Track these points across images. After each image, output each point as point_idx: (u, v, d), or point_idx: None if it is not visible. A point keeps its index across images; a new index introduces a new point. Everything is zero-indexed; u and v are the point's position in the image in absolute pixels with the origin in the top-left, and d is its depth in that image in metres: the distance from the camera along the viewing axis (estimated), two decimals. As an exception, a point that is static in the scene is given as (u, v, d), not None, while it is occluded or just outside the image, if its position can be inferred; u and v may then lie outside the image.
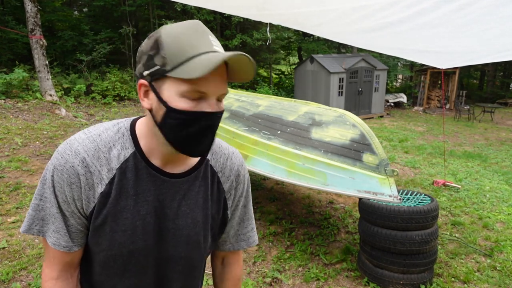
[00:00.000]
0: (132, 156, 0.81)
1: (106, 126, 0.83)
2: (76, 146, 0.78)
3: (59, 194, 0.79)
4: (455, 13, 2.05)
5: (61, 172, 0.77)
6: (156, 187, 0.83)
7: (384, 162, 2.60)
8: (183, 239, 0.87)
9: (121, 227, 0.81)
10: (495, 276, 3.08)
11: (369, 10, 2.19)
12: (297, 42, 16.00)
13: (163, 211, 0.84)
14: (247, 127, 3.57)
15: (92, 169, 0.78)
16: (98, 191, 0.79)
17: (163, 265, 0.88)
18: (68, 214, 0.80)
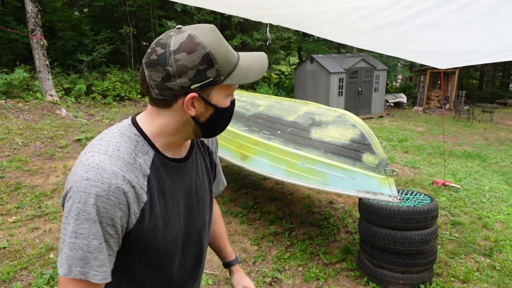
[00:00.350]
0: (155, 157, 0.86)
1: (114, 139, 0.82)
2: (110, 167, 0.76)
3: (104, 220, 0.75)
4: (455, 13, 2.06)
5: (107, 197, 0.74)
6: (177, 175, 0.92)
7: (384, 162, 2.60)
8: (204, 207, 1.02)
9: (164, 222, 0.88)
10: (494, 275, 3.08)
11: (368, 11, 2.19)
12: (297, 42, 16.01)
13: (186, 191, 0.95)
14: (247, 127, 3.57)
15: (133, 183, 0.79)
16: (142, 200, 0.81)
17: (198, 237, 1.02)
18: (109, 238, 0.78)
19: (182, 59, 0.77)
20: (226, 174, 5.46)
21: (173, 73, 0.77)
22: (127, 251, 0.85)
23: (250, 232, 3.73)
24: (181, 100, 0.81)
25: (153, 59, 0.78)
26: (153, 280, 0.93)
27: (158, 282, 0.94)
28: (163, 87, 0.79)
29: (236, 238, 3.62)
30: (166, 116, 0.84)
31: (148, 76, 0.80)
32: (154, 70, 0.78)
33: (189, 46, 0.77)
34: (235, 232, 3.73)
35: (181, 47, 0.77)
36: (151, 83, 0.80)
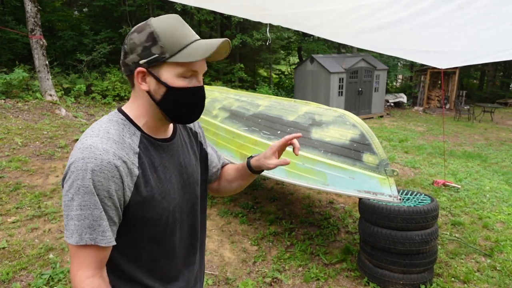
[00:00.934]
0: (142, 137, 0.95)
1: (103, 125, 0.92)
2: (101, 146, 0.86)
3: (100, 192, 0.85)
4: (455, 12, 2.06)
5: (100, 171, 0.84)
6: (166, 153, 1.00)
7: (384, 162, 2.60)
8: (195, 182, 1.10)
9: (161, 195, 0.96)
10: (495, 276, 3.08)
11: (368, 10, 2.19)
12: (297, 42, 16.00)
13: (178, 168, 1.03)
14: (247, 127, 3.56)
15: (124, 158, 0.88)
16: (135, 174, 0.90)
17: (188, 214, 1.08)
18: (108, 208, 0.87)
19: (133, 38, 0.91)
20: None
21: (127, 50, 0.91)
22: (130, 227, 0.94)
23: (250, 232, 3.72)
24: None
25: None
26: (159, 257, 1.00)
27: (164, 258, 1.01)
28: (123, 64, 0.93)
29: (236, 238, 3.62)
30: (136, 97, 0.96)
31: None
32: (121, 51, 0.95)
33: (140, 27, 0.91)
34: (235, 232, 3.72)
35: (135, 29, 0.92)
36: (120, 60, 0.94)
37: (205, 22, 13.89)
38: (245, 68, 14.54)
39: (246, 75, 13.99)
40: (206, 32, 14.46)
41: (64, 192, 0.86)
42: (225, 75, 13.93)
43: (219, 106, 4.17)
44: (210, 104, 4.31)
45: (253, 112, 3.71)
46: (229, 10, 2.83)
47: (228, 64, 14.17)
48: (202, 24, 13.97)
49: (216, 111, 4.10)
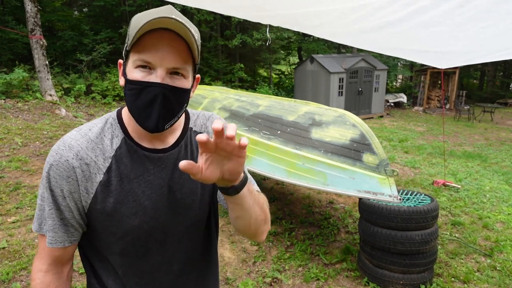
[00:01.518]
0: (123, 141, 0.85)
1: (96, 121, 0.87)
2: (70, 141, 0.81)
3: (55, 189, 0.80)
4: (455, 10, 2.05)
5: (57, 167, 0.79)
6: (153, 165, 0.86)
7: (384, 162, 2.59)
8: (193, 204, 0.92)
9: (131, 210, 0.83)
10: (495, 276, 3.07)
11: (368, 10, 2.19)
12: (297, 42, 16.00)
13: (167, 185, 0.88)
14: (247, 127, 3.56)
15: (87, 161, 0.81)
16: (96, 180, 0.81)
17: (182, 236, 0.93)
18: (64, 208, 0.82)
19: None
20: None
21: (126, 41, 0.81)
22: (98, 235, 0.87)
23: (250, 232, 3.72)
24: None
25: None
26: (132, 275, 0.90)
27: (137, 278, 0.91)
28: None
29: (236, 238, 3.62)
30: None
31: None
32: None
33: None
34: (235, 232, 3.72)
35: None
36: None
37: (205, 22, 13.89)
38: (245, 68, 14.54)
39: (246, 75, 14.00)
40: (206, 32, 14.45)
41: None
42: (225, 75, 13.93)
43: (219, 106, 4.17)
44: (210, 104, 4.31)
45: (253, 112, 3.71)
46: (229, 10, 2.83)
47: (228, 64, 14.17)
48: (202, 24, 13.97)
49: (216, 111, 4.10)
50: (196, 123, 0.99)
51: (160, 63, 0.77)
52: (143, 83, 0.78)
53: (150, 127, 0.80)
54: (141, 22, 0.74)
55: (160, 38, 0.76)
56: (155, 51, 0.76)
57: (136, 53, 0.77)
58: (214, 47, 14.27)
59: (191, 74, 0.85)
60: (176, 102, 0.82)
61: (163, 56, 0.77)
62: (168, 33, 0.77)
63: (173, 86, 0.79)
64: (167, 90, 0.79)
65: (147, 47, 0.76)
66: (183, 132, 0.94)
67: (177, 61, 0.78)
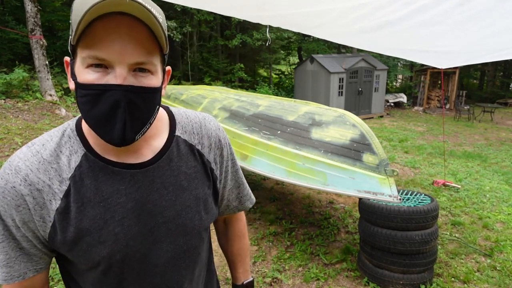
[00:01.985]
0: (83, 158, 0.69)
1: (52, 133, 0.71)
2: (17, 163, 0.66)
3: (5, 218, 0.67)
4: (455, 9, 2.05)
5: (3, 195, 0.65)
6: (125, 185, 0.70)
7: (384, 162, 2.59)
8: (180, 230, 0.77)
9: (99, 239, 0.69)
10: (495, 276, 3.07)
11: (368, 9, 2.19)
12: (297, 42, 16.00)
13: (144, 208, 0.72)
14: (247, 127, 3.56)
15: (39, 186, 0.66)
16: (52, 208, 0.67)
17: (166, 267, 0.78)
18: (20, 238, 0.69)
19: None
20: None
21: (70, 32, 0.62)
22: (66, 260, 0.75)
23: (250, 232, 3.72)
24: None
25: None
26: None
27: None
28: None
29: (236, 238, 3.61)
30: None
31: None
32: None
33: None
34: (235, 232, 3.72)
35: None
36: None
37: (205, 22, 13.89)
38: (245, 68, 14.54)
39: (246, 75, 14.00)
40: (206, 32, 14.46)
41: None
42: (225, 75, 13.93)
43: (219, 106, 4.17)
44: (210, 104, 4.31)
45: (253, 112, 3.70)
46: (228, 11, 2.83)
47: (228, 64, 14.17)
48: (202, 24, 13.97)
49: (216, 111, 4.10)
50: (185, 129, 0.81)
51: (119, 58, 0.60)
52: (98, 87, 0.60)
53: (114, 140, 0.64)
54: (85, 6, 0.56)
55: (115, 26, 0.59)
56: (110, 44, 0.59)
57: (85, 48, 0.60)
58: (214, 47, 14.28)
59: (160, 67, 0.68)
60: (145, 106, 0.65)
61: (122, 49, 0.59)
62: (125, 18, 0.59)
63: (139, 86, 0.63)
64: (131, 92, 0.62)
65: (98, 39, 0.58)
66: (168, 141, 0.77)
67: (141, 54, 0.61)
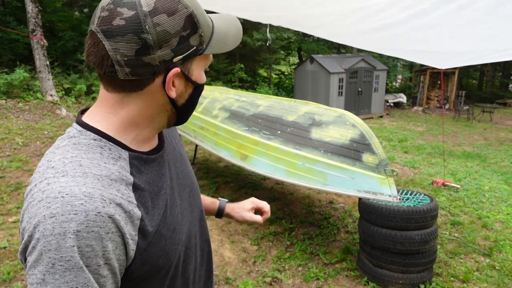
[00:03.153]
0: (131, 158, 0.66)
1: (67, 154, 0.61)
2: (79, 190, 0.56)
3: (93, 262, 0.55)
4: (454, 14, 2.07)
5: (88, 231, 0.54)
6: (163, 169, 0.74)
7: (383, 162, 2.61)
8: (197, 192, 0.88)
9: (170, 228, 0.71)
10: (494, 275, 3.09)
11: (368, 12, 2.20)
12: (297, 43, 16.01)
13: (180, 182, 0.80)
14: (247, 127, 3.58)
15: (117, 201, 0.59)
16: (137, 217, 0.62)
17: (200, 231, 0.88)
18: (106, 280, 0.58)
19: (163, 23, 0.58)
20: (226, 174, 5.47)
21: (153, 43, 0.58)
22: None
23: (250, 232, 3.74)
24: (159, 79, 0.63)
25: (119, 25, 0.57)
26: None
27: None
28: (138, 63, 0.59)
29: (236, 238, 3.63)
30: (135, 103, 0.65)
31: (112, 50, 0.59)
32: (122, 40, 0.57)
33: (169, 5, 0.59)
34: (235, 232, 3.73)
35: (159, 7, 0.58)
36: (119, 59, 0.58)
37: (205, 22, 13.87)
38: (245, 68, 14.55)
39: (246, 75, 14.01)
40: (206, 32, 14.43)
41: (29, 270, 0.54)
42: (225, 75, 13.94)
43: (219, 106, 4.18)
44: (210, 104, 4.32)
45: (253, 112, 3.72)
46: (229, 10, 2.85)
47: (228, 64, 14.18)
48: (202, 24, 13.95)
49: (216, 111, 4.12)
50: None
51: None
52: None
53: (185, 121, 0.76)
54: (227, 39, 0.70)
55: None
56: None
57: (208, 58, 0.70)
58: (214, 47, 14.24)
59: None
60: None
61: None
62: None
63: None
64: None
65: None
66: None
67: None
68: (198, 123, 4.31)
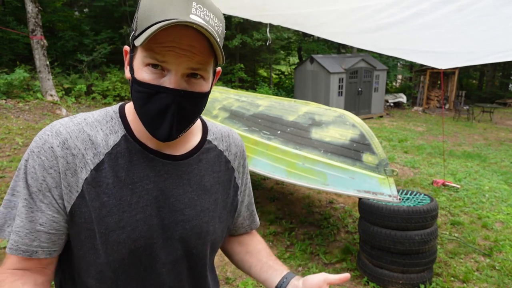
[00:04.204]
0: (123, 139, 0.71)
1: (94, 112, 0.75)
2: (58, 127, 0.68)
3: (32, 182, 0.66)
4: (455, 14, 2.07)
5: (38, 155, 0.66)
6: (155, 172, 0.71)
7: (383, 162, 2.61)
8: (195, 232, 0.76)
9: (119, 223, 0.68)
10: (494, 275, 3.09)
11: (368, 11, 2.20)
12: (297, 42, 16.02)
13: (167, 201, 0.73)
14: (247, 127, 3.58)
15: (74, 151, 0.67)
16: (82, 177, 0.67)
17: (175, 264, 0.76)
18: (43, 206, 0.66)
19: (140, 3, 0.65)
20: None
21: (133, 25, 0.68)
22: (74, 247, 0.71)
23: (250, 232, 3.73)
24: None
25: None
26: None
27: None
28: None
29: (236, 238, 3.63)
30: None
31: None
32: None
33: None
34: (235, 232, 3.73)
35: None
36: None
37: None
38: (245, 68, 14.56)
39: (246, 75, 14.02)
40: (206, 32, 14.43)
41: None
42: (225, 75, 13.94)
43: (219, 106, 4.18)
44: (210, 104, 4.32)
45: (253, 112, 3.72)
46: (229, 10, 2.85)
47: (228, 64, 14.18)
48: (202, 24, 13.95)
49: (216, 111, 4.12)
50: (215, 135, 0.85)
51: (176, 64, 0.63)
52: (153, 88, 0.64)
53: (160, 137, 0.67)
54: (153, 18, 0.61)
55: (178, 36, 0.61)
56: (170, 50, 0.62)
57: (147, 49, 0.62)
58: (214, 47, 14.23)
59: (211, 73, 0.70)
60: (192, 109, 0.68)
61: (179, 56, 0.62)
62: (188, 30, 0.61)
63: (191, 91, 0.66)
64: (182, 97, 0.65)
65: (160, 43, 0.61)
66: (201, 142, 0.80)
67: (197, 62, 0.64)
68: (198, 123, 4.31)
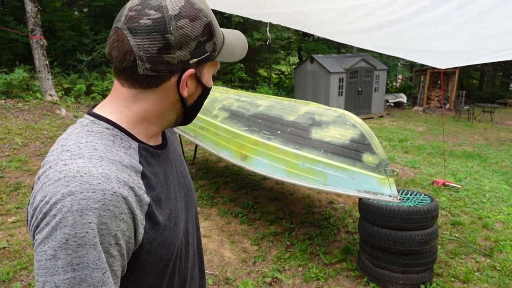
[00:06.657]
0: (140, 149, 0.72)
1: (82, 139, 0.65)
2: (96, 170, 0.59)
3: (105, 240, 0.58)
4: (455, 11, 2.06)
5: (104, 209, 0.57)
6: (167, 164, 0.80)
7: (384, 162, 2.60)
8: (193, 193, 0.92)
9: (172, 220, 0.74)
10: (494, 275, 3.08)
11: (368, 9, 2.19)
12: (297, 42, 16.00)
13: (180, 180, 0.85)
14: (247, 127, 3.57)
15: (130, 184, 0.63)
16: (145, 202, 0.66)
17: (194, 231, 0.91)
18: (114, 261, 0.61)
19: (185, 27, 0.65)
20: (226, 174, 5.46)
21: (174, 43, 0.65)
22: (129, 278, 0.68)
23: (250, 232, 3.73)
24: (174, 78, 0.69)
25: (146, 24, 0.63)
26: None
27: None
28: (158, 61, 0.65)
29: (236, 238, 3.62)
30: (149, 99, 0.70)
31: (136, 45, 0.63)
32: (148, 38, 0.63)
33: (191, 12, 0.66)
34: (235, 232, 3.72)
35: (183, 13, 0.65)
36: (142, 54, 0.64)
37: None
38: (245, 68, 14.54)
39: (246, 75, 14.00)
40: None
41: (38, 247, 0.56)
42: (225, 75, 13.93)
43: (219, 106, 4.17)
44: (210, 104, 4.31)
45: (253, 112, 3.71)
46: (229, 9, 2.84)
47: (228, 64, 14.17)
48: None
49: (216, 111, 4.10)
50: None
51: None
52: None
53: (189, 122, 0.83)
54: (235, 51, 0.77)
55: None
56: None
57: (216, 65, 0.78)
58: (214, 47, 14.23)
59: None
60: None
61: None
62: None
63: None
64: None
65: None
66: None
67: None
68: (198, 123, 4.30)
